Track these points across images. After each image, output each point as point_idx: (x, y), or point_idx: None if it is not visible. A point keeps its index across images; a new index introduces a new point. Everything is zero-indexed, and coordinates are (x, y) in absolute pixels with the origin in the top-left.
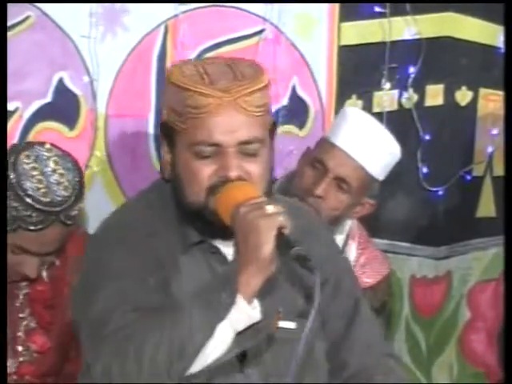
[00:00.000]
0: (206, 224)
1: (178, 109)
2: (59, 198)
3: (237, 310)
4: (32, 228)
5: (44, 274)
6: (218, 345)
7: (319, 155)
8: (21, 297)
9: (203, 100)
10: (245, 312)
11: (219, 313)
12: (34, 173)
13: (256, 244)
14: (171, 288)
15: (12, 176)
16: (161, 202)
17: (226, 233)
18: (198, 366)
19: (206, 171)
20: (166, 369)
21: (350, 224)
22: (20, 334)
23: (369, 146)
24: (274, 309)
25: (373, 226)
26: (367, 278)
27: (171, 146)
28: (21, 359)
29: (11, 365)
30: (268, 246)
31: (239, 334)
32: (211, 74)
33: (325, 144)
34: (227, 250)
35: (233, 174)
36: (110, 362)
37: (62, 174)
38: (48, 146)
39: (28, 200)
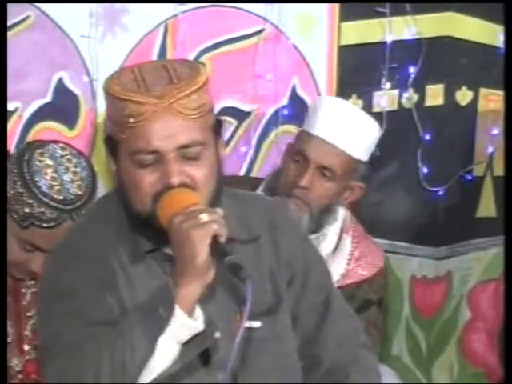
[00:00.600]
0: (157, 232)
1: (116, 119)
2: (72, 196)
3: (176, 322)
4: (45, 225)
5: None
6: (162, 358)
7: (299, 147)
8: (28, 295)
9: (139, 108)
10: (184, 323)
11: (159, 326)
12: (48, 170)
13: (190, 254)
14: (127, 302)
15: (26, 173)
16: (113, 213)
17: None
18: (144, 379)
19: (149, 179)
20: None
21: (343, 217)
22: (27, 332)
23: (346, 129)
24: (233, 310)
25: (373, 225)
26: (362, 271)
27: (114, 156)
28: (27, 358)
29: (18, 363)
30: (202, 255)
31: (185, 344)
32: (147, 80)
33: (303, 135)
34: None
35: (174, 180)
36: (57, 381)
37: (75, 173)
38: (62, 144)
39: (42, 197)
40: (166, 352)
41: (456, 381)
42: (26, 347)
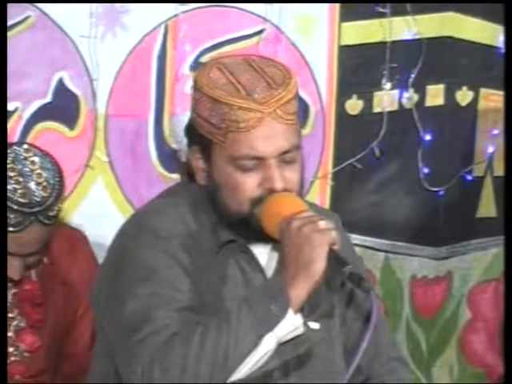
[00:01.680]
0: (242, 227)
1: (214, 121)
2: (38, 199)
3: (286, 322)
4: (11, 229)
5: (32, 273)
6: (263, 355)
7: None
8: (9, 297)
9: (243, 114)
10: (293, 325)
11: (268, 324)
12: (12, 174)
13: (309, 258)
14: (203, 289)
15: None
16: (191, 203)
17: (262, 237)
18: (240, 374)
19: (251, 183)
20: (209, 375)
21: None
22: (10, 334)
23: None
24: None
25: (373, 225)
26: None
27: (206, 154)
28: (12, 359)
29: None
30: (321, 261)
31: (282, 344)
32: (244, 84)
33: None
34: (259, 251)
35: (278, 185)
36: (152, 365)
37: (40, 174)
38: (26, 146)
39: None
40: (266, 349)
41: (456, 381)
42: (10, 349)
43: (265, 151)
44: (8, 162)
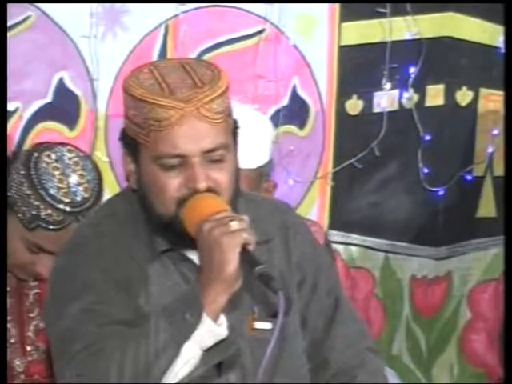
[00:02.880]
0: (176, 233)
1: (138, 121)
2: (79, 199)
3: (203, 329)
4: (51, 227)
5: None
6: (185, 363)
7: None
8: (31, 297)
9: (164, 112)
10: (211, 330)
11: (185, 332)
12: (56, 172)
13: (220, 262)
14: (142, 300)
15: (34, 175)
16: (127, 211)
17: (196, 242)
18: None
19: (174, 183)
20: None
21: None
22: (29, 333)
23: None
24: (247, 311)
25: (373, 225)
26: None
27: (134, 156)
28: (29, 359)
29: (20, 364)
30: (232, 264)
31: (208, 349)
32: (170, 83)
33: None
34: (197, 257)
35: (201, 185)
36: (77, 381)
37: (82, 175)
38: (69, 147)
39: (49, 199)
40: (189, 357)
41: (456, 381)
42: (29, 348)
43: (187, 149)
44: (52, 160)
